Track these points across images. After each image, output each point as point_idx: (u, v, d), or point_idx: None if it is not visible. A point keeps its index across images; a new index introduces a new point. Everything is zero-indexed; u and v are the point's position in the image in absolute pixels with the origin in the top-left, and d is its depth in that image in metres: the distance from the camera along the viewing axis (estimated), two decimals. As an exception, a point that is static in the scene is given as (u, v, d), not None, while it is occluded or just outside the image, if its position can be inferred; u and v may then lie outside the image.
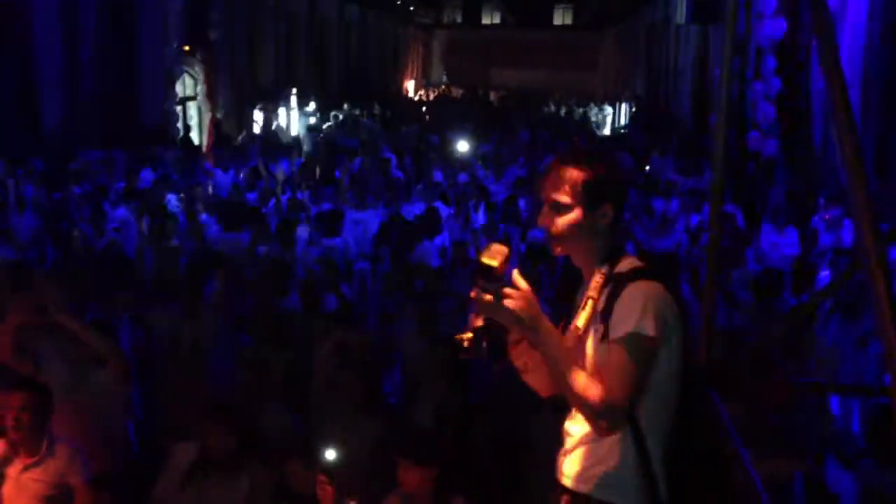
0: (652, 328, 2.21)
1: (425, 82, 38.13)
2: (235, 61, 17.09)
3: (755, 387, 3.87)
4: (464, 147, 14.03)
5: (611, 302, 2.26)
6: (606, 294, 2.29)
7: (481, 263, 2.13)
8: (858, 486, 3.91)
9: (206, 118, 15.64)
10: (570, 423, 2.44)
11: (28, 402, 3.86)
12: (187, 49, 14.70)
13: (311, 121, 18.31)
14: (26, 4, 10.71)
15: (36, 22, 10.96)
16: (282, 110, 17.69)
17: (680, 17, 16.43)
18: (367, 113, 20.67)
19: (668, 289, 2.29)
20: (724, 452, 2.44)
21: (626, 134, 19.72)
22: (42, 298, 4.44)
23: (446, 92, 35.14)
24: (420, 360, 5.02)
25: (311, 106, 19.67)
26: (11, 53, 10.69)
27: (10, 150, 9.67)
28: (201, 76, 15.60)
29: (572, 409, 2.43)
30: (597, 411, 2.19)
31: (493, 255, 2.13)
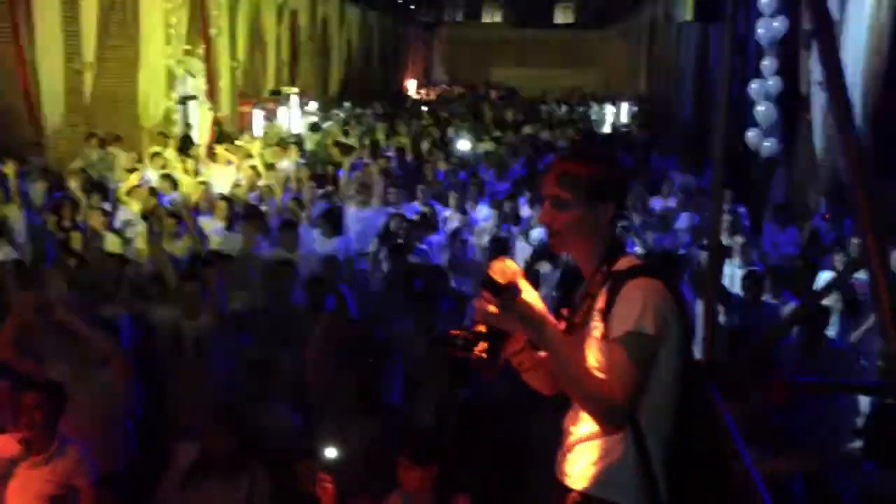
0: (651, 327, 2.21)
1: (426, 81, 38.10)
2: (236, 60, 17.10)
3: (756, 386, 3.87)
4: (465, 146, 14.01)
5: (610, 300, 2.26)
6: (605, 292, 2.29)
7: (491, 280, 2.14)
8: (859, 487, 3.91)
9: (207, 117, 15.62)
10: (569, 421, 2.43)
11: (42, 401, 3.88)
12: (188, 47, 14.69)
13: (313, 119, 18.29)
14: (27, 1, 10.72)
15: (37, 18, 10.97)
16: (283, 109, 17.66)
17: (684, 14, 16.40)
18: (368, 111, 20.65)
19: (668, 287, 2.29)
20: (724, 452, 2.44)
21: (627, 133, 19.70)
22: (45, 297, 4.45)
23: (447, 90, 35.11)
24: (420, 359, 5.02)
25: (313, 105, 19.65)
26: (13, 50, 10.69)
27: (11, 147, 9.67)
28: (202, 75, 15.58)
29: (572, 408, 2.43)
30: (601, 410, 2.21)
31: (504, 273, 2.15)
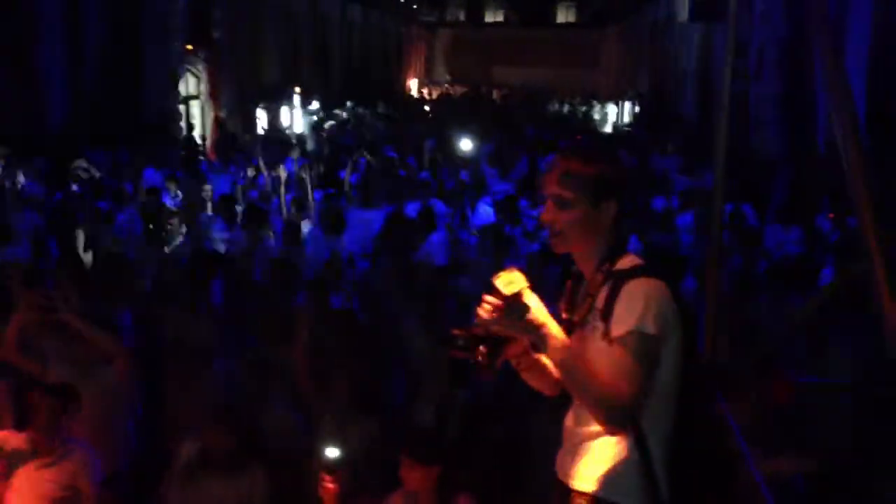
0: (653, 326, 2.20)
1: (428, 81, 38.11)
2: (238, 60, 17.10)
3: (758, 386, 3.87)
4: (467, 146, 14.00)
5: (611, 300, 2.25)
6: (606, 292, 2.28)
7: (496, 289, 2.15)
8: (860, 487, 3.91)
9: (209, 117, 15.65)
10: (570, 421, 2.43)
11: (49, 403, 3.90)
12: (190, 48, 14.71)
13: (314, 119, 18.31)
14: (30, 3, 10.73)
15: (39, 20, 10.97)
16: (284, 109, 17.69)
17: (682, 14, 16.40)
18: (370, 111, 20.68)
19: (669, 287, 2.28)
20: (727, 452, 2.43)
21: (630, 132, 19.70)
22: (49, 297, 4.46)
23: (449, 90, 35.12)
24: (422, 358, 5.02)
25: (315, 105, 19.67)
26: (15, 51, 10.71)
27: (13, 148, 9.68)
28: (204, 75, 15.61)
29: (572, 408, 2.42)
30: (606, 412, 2.19)
31: (509, 285, 2.15)
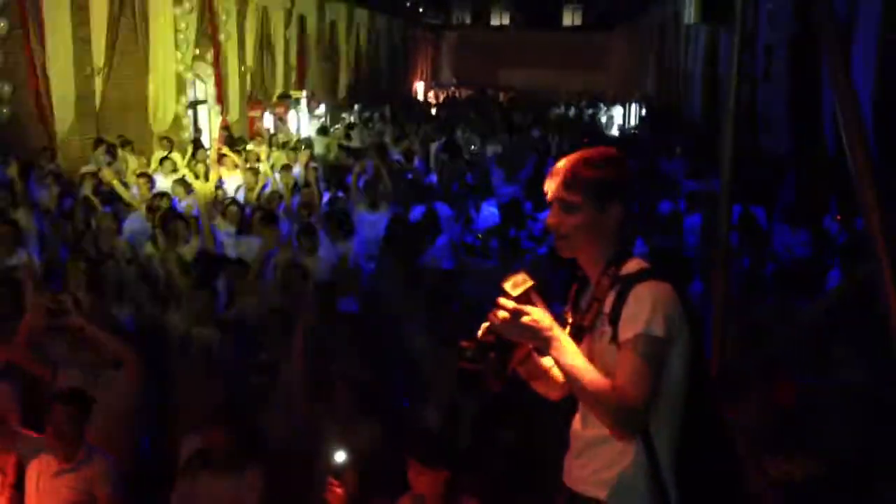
0: (661, 329, 2.20)
1: (434, 83, 38.13)
2: (245, 65, 17.16)
3: (766, 389, 3.86)
4: (473, 148, 14.02)
5: (618, 304, 2.25)
6: (613, 296, 2.28)
7: (505, 292, 2.17)
8: (865, 489, 3.89)
9: (217, 122, 15.69)
10: (577, 425, 2.43)
11: (71, 412, 3.93)
12: (197, 53, 14.76)
13: (321, 123, 18.35)
14: (38, 7, 10.79)
15: (48, 23, 11.03)
16: (292, 112, 17.72)
17: (688, 16, 16.38)
18: (377, 114, 20.69)
19: (676, 290, 2.28)
20: (733, 455, 2.43)
21: (636, 135, 19.65)
22: (58, 300, 4.48)
23: (455, 93, 35.14)
24: (428, 361, 5.03)
25: (321, 108, 19.70)
26: (25, 55, 10.76)
27: (23, 152, 9.73)
28: (211, 80, 15.65)
29: (579, 412, 2.42)
30: (617, 416, 2.18)
31: (518, 285, 2.17)
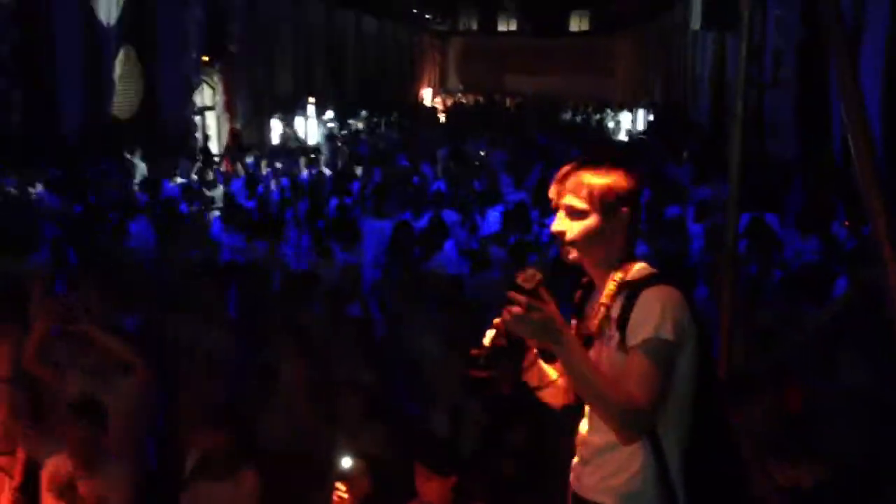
0: (671, 333, 2.19)
1: (441, 90, 38.17)
2: (253, 71, 17.22)
3: (774, 393, 3.84)
4: (480, 154, 14.03)
5: (626, 309, 2.24)
6: (621, 301, 2.27)
7: (517, 285, 2.16)
8: (872, 494, 3.87)
9: (225, 128, 15.75)
10: (585, 432, 2.42)
11: (89, 427, 3.95)
12: (206, 59, 14.82)
13: (329, 129, 18.41)
14: (48, 15, 10.86)
15: (57, 30, 11.09)
16: (299, 119, 17.78)
17: (695, 22, 16.35)
18: (384, 121, 20.74)
19: (684, 295, 2.28)
20: (741, 460, 2.42)
21: (644, 140, 19.63)
22: (68, 306, 4.49)
23: (462, 99, 35.17)
24: (435, 367, 5.02)
25: (329, 115, 19.77)
26: (33, 62, 10.82)
27: (30, 158, 9.77)
28: (220, 86, 15.72)
29: (586, 418, 2.41)
30: (625, 419, 2.17)
31: (529, 279, 2.16)
